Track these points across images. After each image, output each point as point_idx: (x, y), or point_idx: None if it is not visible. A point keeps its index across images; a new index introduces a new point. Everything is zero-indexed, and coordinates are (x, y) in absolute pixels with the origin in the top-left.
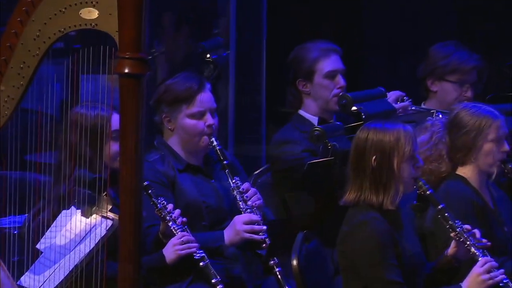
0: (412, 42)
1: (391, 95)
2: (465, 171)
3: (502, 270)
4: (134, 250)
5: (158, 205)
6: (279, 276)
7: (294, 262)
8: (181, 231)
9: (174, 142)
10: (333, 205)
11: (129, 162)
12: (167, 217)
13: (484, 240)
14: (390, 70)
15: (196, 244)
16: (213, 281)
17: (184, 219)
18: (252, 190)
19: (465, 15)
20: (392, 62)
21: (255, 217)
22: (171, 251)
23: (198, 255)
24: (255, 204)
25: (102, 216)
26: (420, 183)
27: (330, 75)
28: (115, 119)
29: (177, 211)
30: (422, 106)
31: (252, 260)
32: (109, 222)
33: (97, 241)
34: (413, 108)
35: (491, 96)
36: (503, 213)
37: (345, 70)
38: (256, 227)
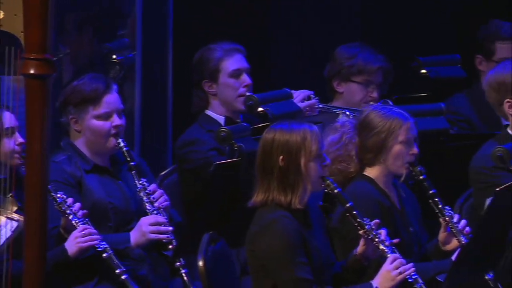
0: (320, 42)
1: (299, 94)
2: (373, 172)
3: (411, 264)
4: (39, 251)
5: (58, 199)
6: (185, 278)
7: (200, 263)
8: (82, 223)
9: (81, 143)
10: (239, 206)
11: (35, 164)
12: (68, 211)
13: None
14: (298, 71)
15: (98, 236)
16: (117, 271)
17: (85, 211)
18: (159, 191)
19: (369, 15)
20: (300, 63)
21: (161, 218)
22: (73, 243)
23: (101, 247)
24: (162, 205)
25: (8, 218)
26: (328, 181)
27: (235, 74)
28: (7, 116)
29: (77, 205)
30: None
31: (158, 261)
32: (15, 224)
33: (2, 242)
34: (320, 106)
35: (397, 97)
36: (410, 214)
37: (249, 68)
38: (162, 228)
